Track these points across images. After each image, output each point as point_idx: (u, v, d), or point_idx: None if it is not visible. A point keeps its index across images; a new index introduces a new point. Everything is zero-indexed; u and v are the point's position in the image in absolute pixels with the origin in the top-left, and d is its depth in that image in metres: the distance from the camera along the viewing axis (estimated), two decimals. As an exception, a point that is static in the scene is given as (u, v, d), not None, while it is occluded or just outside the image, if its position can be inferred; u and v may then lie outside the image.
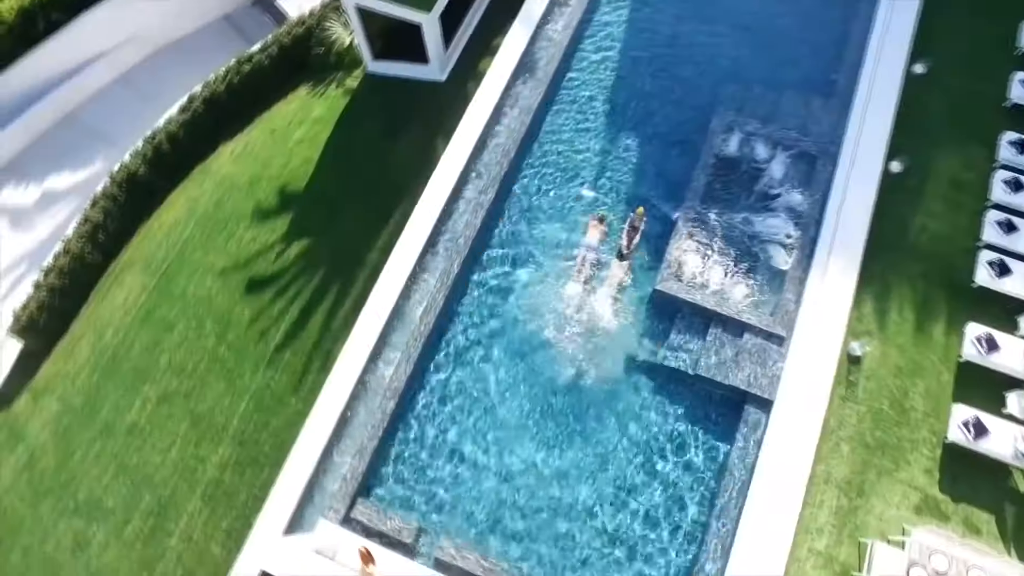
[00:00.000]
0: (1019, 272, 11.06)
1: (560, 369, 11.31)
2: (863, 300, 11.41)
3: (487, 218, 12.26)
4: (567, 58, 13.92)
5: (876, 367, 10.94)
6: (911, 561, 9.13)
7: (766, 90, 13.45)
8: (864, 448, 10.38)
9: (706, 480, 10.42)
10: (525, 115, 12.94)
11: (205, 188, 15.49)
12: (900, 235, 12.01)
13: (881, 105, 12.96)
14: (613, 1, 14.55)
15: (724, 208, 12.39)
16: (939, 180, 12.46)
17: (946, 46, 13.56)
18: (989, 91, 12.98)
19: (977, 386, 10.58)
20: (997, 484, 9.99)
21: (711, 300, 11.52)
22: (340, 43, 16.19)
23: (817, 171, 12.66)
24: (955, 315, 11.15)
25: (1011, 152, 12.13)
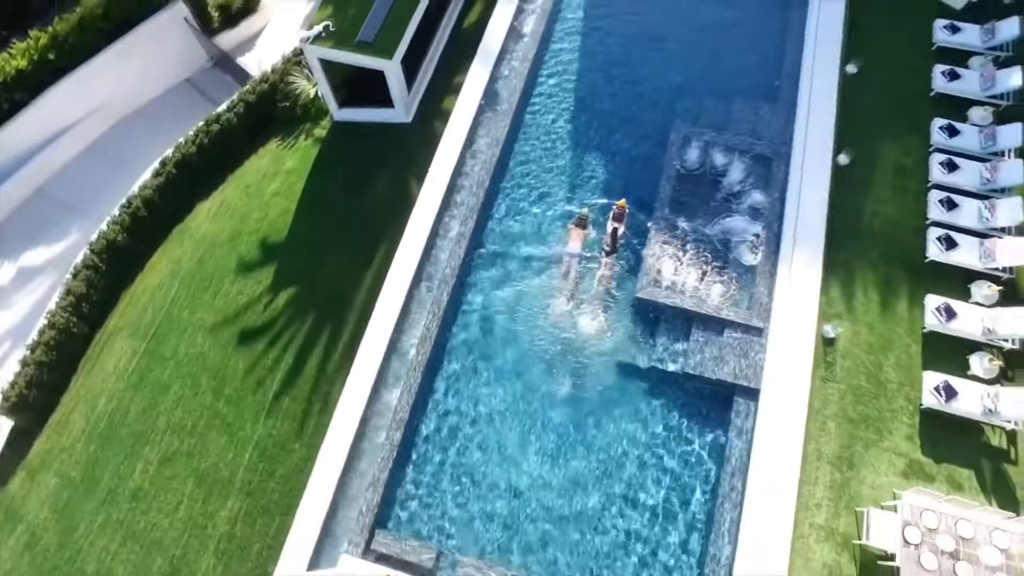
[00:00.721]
0: (964, 244, 12.19)
1: (556, 383, 11.99)
2: (830, 286, 12.40)
3: (470, 246, 13.01)
4: (528, 88, 14.94)
5: (850, 346, 11.87)
6: (904, 522, 9.89)
7: (717, 101, 14.63)
8: (849, 423, 11.22)
9: (707, 471, 11.11)
10: (495, 146, 13.84)
11: (186, 248, 15.98)
12: (855, 222, 13.10)
13: (822, 105, 14.22)
14: (566, 31, 15.70)
15: (692, 214, 13.37)
16: (883, 168, 13.66)
17: (872, 47, 14.99)
18: (915, 83, 14.37)
19: (942, 353, 11.57)
20: (972, 441, 10.90)
21: (690, 302, 12.38)
22: (305, 95, 17.02)
23: (773, 171, 13.77)
24: (914, 290, 12.20)
25: (942, 136, 13.42)
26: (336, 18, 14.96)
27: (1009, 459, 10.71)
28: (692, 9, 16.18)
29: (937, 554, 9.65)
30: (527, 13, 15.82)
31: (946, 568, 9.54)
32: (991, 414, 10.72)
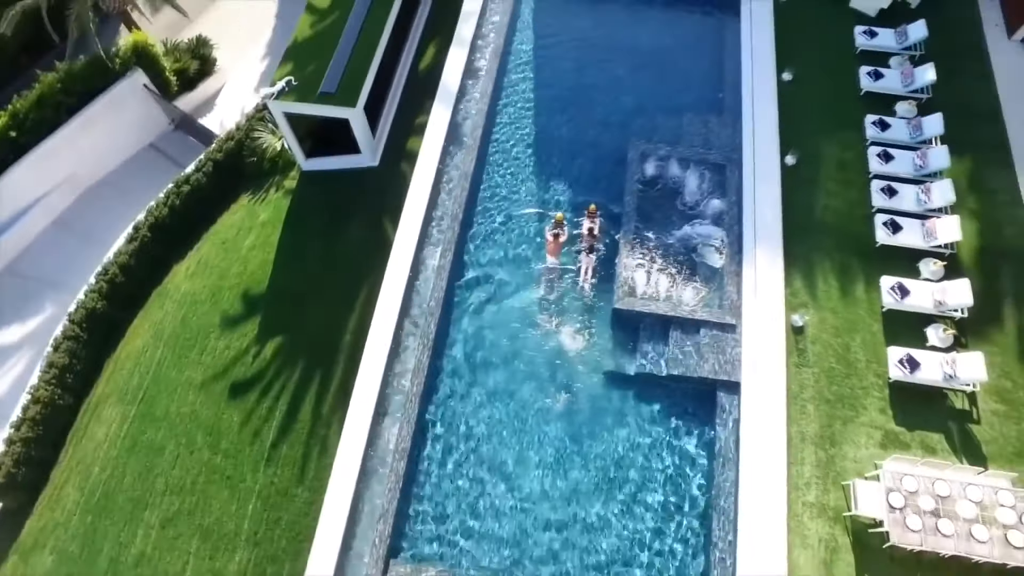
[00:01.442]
0: (908, 226, 13.42)
1: (548, 398, 12.64)
2: (792, 278, 13.42)
3: (451, 277, 13.73)
4: (489, 122, 15.91)
5: (818, 332, 12.84)
6: (887, 489, 10.71)
7: (668, 117, 15.82)
8: (826, 404, 12.10)
9: (701, 465, 11.84)
10: (464, 179, 14.70)
11: (167, 310, 16.30)
12: (808, 217, 14.24)
13: (765, 112, 15.49)
14: (519, 66, 16.81)
15: (657, 225, 14.34)
16: (827, 165, 14.91)
17: (803, 56, 16.44)
18: (845, 85, 15.82)
19: (901, 328, 12.64)
20: (938, 407, 11.90)
21: (665, 307, 13.27)
22: (272, 149, 17.69)
23: (727, 178, 14.90)
24: (869, 273, 13.30)
25: (875, 130, 14.80)
26: (296, 73, 15.77)
27: (972, 419, 11.72)
28: (635, 35, 17.51)
29: (920, 514, 10.47)
30: (481, 52, 16.89)
31: (929, 526, 10.36)
32: (951, 379, 11.74)
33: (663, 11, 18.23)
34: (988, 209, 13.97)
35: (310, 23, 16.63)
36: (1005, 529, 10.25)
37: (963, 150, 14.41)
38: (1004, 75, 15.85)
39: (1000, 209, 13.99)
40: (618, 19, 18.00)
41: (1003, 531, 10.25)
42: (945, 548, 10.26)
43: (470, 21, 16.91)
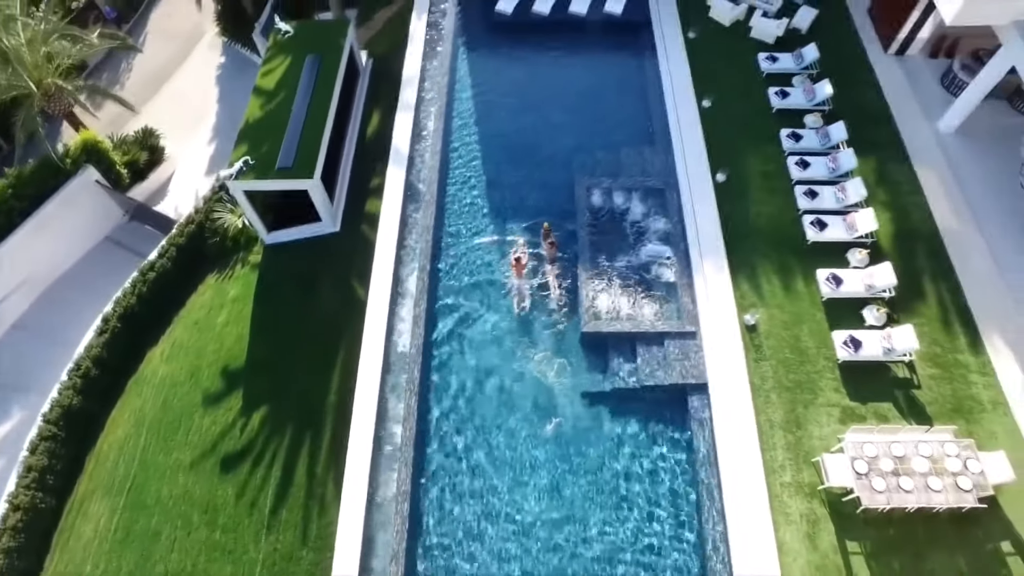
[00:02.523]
0: (832, 223, 15.20)
1: (535, 425, 13.60)
2: (739, 282, 14.92)
3: (428, 324, 14.73)
4: (443, 177, 17.25)
5: (769, 328, 14.28)
6: (851, 458, 12.00)
7: (607, 152, 17.48)
8: (787, 391, 13.44)
9: (683, 463, 12.94)
10: (426, 233, 15.89)
11: (146, 396, 16.66)
12: (744, 226, 15.88)
13: (692, 137, 17.33)
14: (463, 122, 18.33)
15: (611, 251, 15.76)
16: (754, 177, 16.71)
17: (717, 83, 18.50)
18: (758, 105, 17.88)
19: (841, 313, 14.21)
20: (883, 378, 13.40)
21: (629, 324, 14.55)
22: (233, 227, 18.51)
23: (668, 200, 16.53)
24: (806, 268, 14.92)
25: (790, 142, 16.79)
26: (252, 153, 16.76)
27: (913, 385, 13.25)
28: (565, 82, 19.35)
29: (883, 476, 11.76)
30: (426, 113, 18.36)
31: (892, 485, 11.65)
32: (890, 352, 13.30)
33: (587, 58, 20.21)
34: (895, 199, 15.95)
35: (259, 105, 17.77)
36: (954, 476, 11.63)
37: (866, 150, 16.46)
38: (887, 83, 18.27)
39: (905, 198, 15.99)
40: (548, 69, 19.87)
41: (953, 478, 11.63)
42: (908, 502, 11.55)
43: (412, 86, 18.44)
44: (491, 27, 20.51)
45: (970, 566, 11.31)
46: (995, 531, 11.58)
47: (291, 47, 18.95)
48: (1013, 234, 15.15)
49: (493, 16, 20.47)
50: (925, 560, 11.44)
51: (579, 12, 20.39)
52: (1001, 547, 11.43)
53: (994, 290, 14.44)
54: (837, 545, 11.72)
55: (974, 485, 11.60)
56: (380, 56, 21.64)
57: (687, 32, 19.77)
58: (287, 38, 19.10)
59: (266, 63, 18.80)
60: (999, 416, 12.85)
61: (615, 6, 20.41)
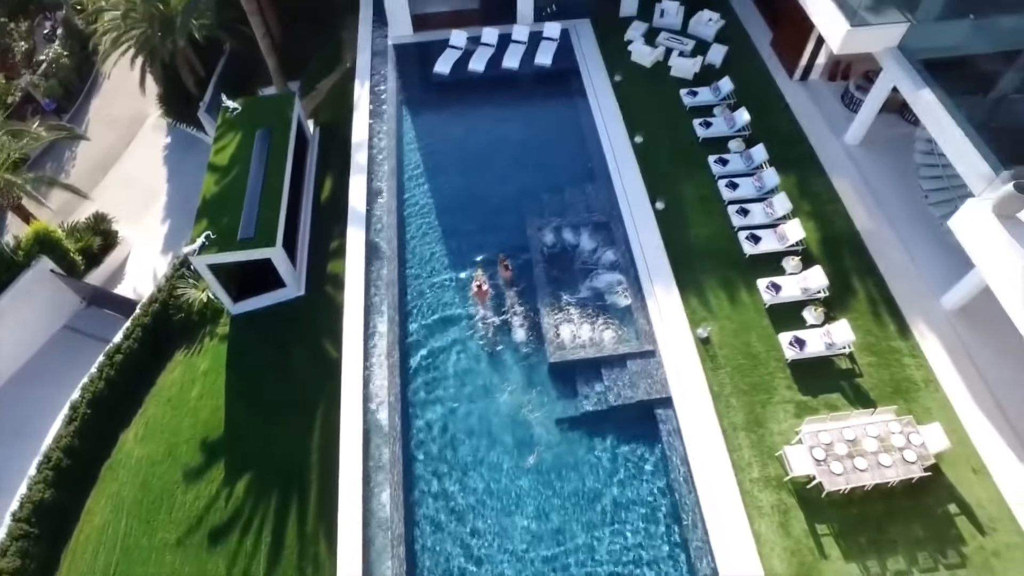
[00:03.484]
0: (765, 236, 16.79)
1: (515, 457, 14.36)
2: (688, 299, 16.22)
3: (403, 373, 15.49)
4: (401, 233, 18.20)
5: (721, 338, 15.55)
6: (809, 447, 13.16)
7: (552, 194, 18.80)
8: (744, 395, 14.63)
9: (658, 475, 13.86)
10: (391, 286, 16.79)
11: (123, 480, 16.74)
12: (687, 247, 17.31)
13: (629, 172, 18.88)
14: (415, 180, 19.45)
15: (567, 284, 16.90)
16: (690, 202, 18.27)
17: (646, 119, 20.25)
18: (685, 136, 19.66)
19: (784, 317, 15.62)
20: (828, 371, 14.77)
21: (593, 351, 15.61)
22: (198, 302, 19.01)
23: (614, 232, 17.88)
24: (747, 280, 16.37)
25: (718, 167, 18.53)
26: (212, 227, 17.48)
27: (855, 374, 14.66)
28: (507, 132, 20.80)
29: (839, 459, 12.95)
30: (378, 174, 19.41)
31: (848, 466, 12.84)
32: (832, 347, 14.72)
33: (525, 108, 21.83)
34: (817, 208, 17.73)
35: (214, 180, 18.56)
36: (900, 451, 12.92)
37: (786, 168, 18.30)
38: (796, 105, 20.42)
39: (826, 206, 17.79)
40: (489, 122, 21.33)
41: (900, 453, 12.91)
42: (864, 480, 12.75)
43: (362, 149, 19.56)
44: (431, 87, 21.97)
45: (925, 530, 12.52)
46: (941, 495, 12.88)
47: (240, 123, 19.93)
48: (920, 229, 16.99)
49: (432, 77, 21.95)
50: (887, 531, 12.59)
51: (512, 67, 22.07)
52: (948, 508, 12.72)
53: (911, 280, 16.17)
54: (808, 529, 12.77)
55: (918, 457, 12.92)
56: (326, 124, 22.81)
57: (613, 76, 21.64)
58: (236, 115, 20.09)
59: (217, 140, 19.70)
60: (931, 392, 14.33)
61: (544, 58, 22.19)
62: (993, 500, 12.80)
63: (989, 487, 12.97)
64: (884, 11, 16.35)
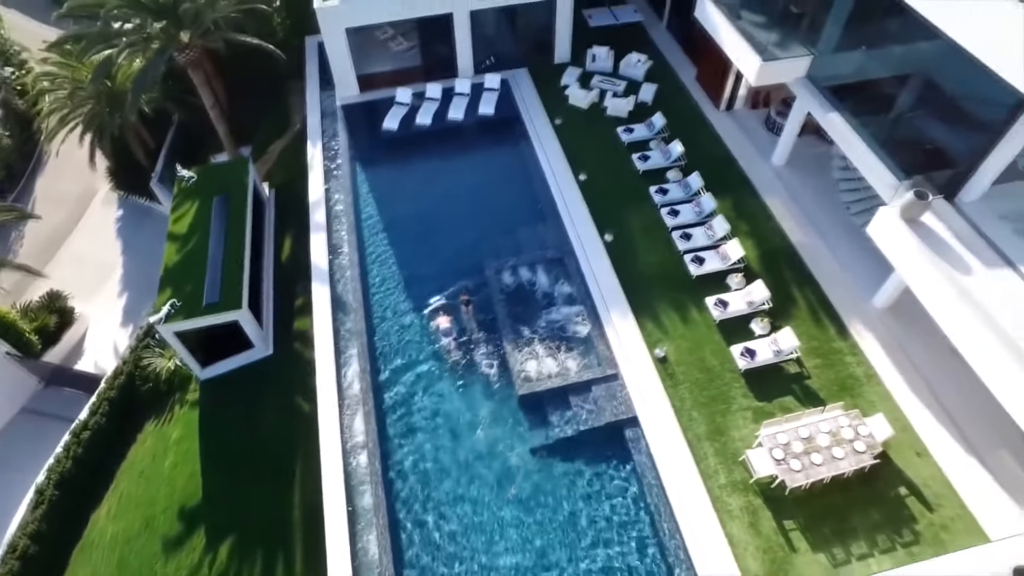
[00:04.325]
0: (708, 257, 18.12)
1: (494, 490, 14.95)
2: (644, 323, 17.30)
3: (378, 418, 16.00)
4: (365, 286, 18.89)
5: (677, 356, 16.62)
6: (769, 449, 14.17)
7: (506, 235, 19.85)
8: (704, 407, 15.64)
9: (632, 490, 14.64)
10: (360, 336, 17.39)
11: (96, 561, 16.62)
12: (637, 274, 18.48)
13: (577, 209, 20.12)
14: (373, 230, 20.24)
15: (528, 319, 17.82)
16: (636, 231, 19.54)
17: (588, 158, 21.63)
18: (626, 171, 21.09)
19: (734, 331, 16.82)
20: (779, 377, 15.95)
21: (559, 380, 16.46)
22: (165, 370, 19.19)
23: (568, 266, 18.97)
24: (696, 299, 17.58)
25: (659, 196, 19.96)
26: (177, 295, 17.86)
27: (804, 376, 15.88)
28: (458, 180, 21.89)
29: (797, 457, 13.99)
30: (337, 230, 20.18)
31: (806, 463, 13.88)
32: (780, 354, 15.94)
33: (473, 156, 23.02)
34: (754, 227, 19.24)
35: (175, 249, 18.99)
36: (851, 443, 14.06)
37: (722, 192, 19.83)
38: (725, 133, 22.20)
39: (762, 224, 19.33)
40: (440, 172, 22.35)
41: (850, 445, 14.04)
42: (822, 474, 13.79)
43: (320, 207, 20.34)
44: (382, 143, 22.98)
45: (881, 514, 13.59)
46: (892, 479, 14.03)
47: (197, 191, 20.51)
48: (846, 237, 18.57)
49: (382, 134, 23.01)
50: (847, 520, 13.60)
51: (457, 118, 23.34)
52: (899, 491, 13.85)
53: (844, 285, 17.64)
54: (776, 527, 13.68)
55: (867, 447, 14.06)
56: (281, 185, 23.54)
57: (554, 120, 23.10)
58: (192, 184, 20.67)
59: (175, 210, 20.20)
60: (873, 386, 15.62)
61: (488, 108, 23.55)
62: (937, 478, 14.02)
63: (932, 467, 14.20)
64: (790, 46, 18.24)
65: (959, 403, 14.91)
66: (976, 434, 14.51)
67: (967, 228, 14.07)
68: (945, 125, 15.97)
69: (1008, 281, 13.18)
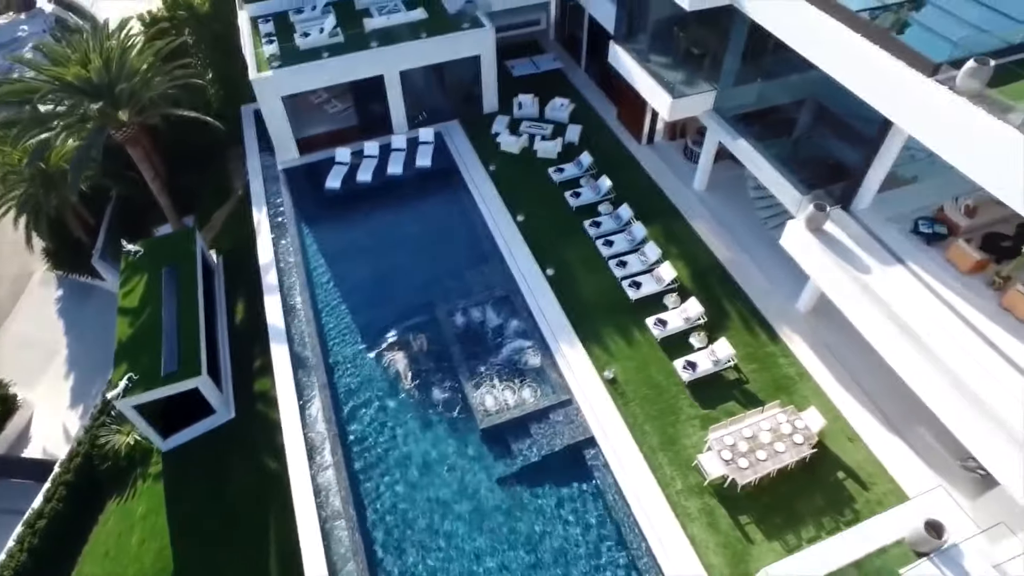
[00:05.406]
0: (644, 281, 19.56)
1: (468, 522, 15.60)
2: (591, 348, 18.46)
3: (349, 469, 16.52)
4: (323, 341, 19.49)
5: (626, 376, 17.80)
6: (718, 451, 15.37)
7: (453, 278, 20.88)
8: (655, 420, 16.79)
9: (598, 506, 15.54)
10: (324, 390, 17.97)
11: (68, 648, 16.25)
12: (581, 303, 19.70)
13: (518, 248, 21.36)
14: (325, 287, 20.91)
15: (482, 356, 18.76)
16: (576, 264, 20.84)
17: (524, 199, 23.00)
18: (561, 208, 22.53)
19: (675, 346, 18.15)
20: (720, 384, 17.31)
21: (517, 411, 17.38)
22: (124, 446, 19.14)
23: (515, 303, 20.08)
24: (637, 321, 18.90)
25: (594, 229, 21.44)
26: (133, 368, 18.05)
27: (743, 381, 17.29)
28: (403, 231, 22.84)
29: (744, 456, 15.22)
30: (290, 290, 20.71)
31: (752, 460, 15.12)
32: (719, 363, 17.33)
33: (416, 207, 23.99)
34: (683, 249, 20.86)
35: (127, 323, 19.20)
36: (790, 437, 15.42)
37: (651, 219, 21.48)
38: (649, 165, 24.07)
39: (689, 246, 20.99)
40: (385, 225, 23.26)
41: (790, 439, 15.40)
42: (768, 468, 15.04)
43: (271, 269, 20.94)
44: (326, 202, 23.80)
45: (824, 498, 14.90)
46: (830, 465, 15.43)
47: (144, 264, 20.85)
48: (767, 250, 20.30)
49: (325, 193, 23.87)
50: (795, 508, 14.82)
51: (397, 172, 24.45)
52: (837, 475, 15.24)
53: (770, 294, 19.34)
54: (732, 523, 14.79)
55: (804, 439, 15.44)
56: (229, 250, 24.03)
57: (488, 166, 24.47)
58: (139, 257, 21.00)
59: (124, 285, 20.45)
60: (805, 383, 17.15)
61: (424, 160, 24.78)
62: (868, 459, 15.49)
63: (863, 449, 15.67)
64: (695, 84, 20.24)
65: (880, 389, 16.52)
66: (897, 414, 16.12)
67: (862, 232, 15.93)
68: (836, 142, 18.08)
69: (899, 275, 15.00)
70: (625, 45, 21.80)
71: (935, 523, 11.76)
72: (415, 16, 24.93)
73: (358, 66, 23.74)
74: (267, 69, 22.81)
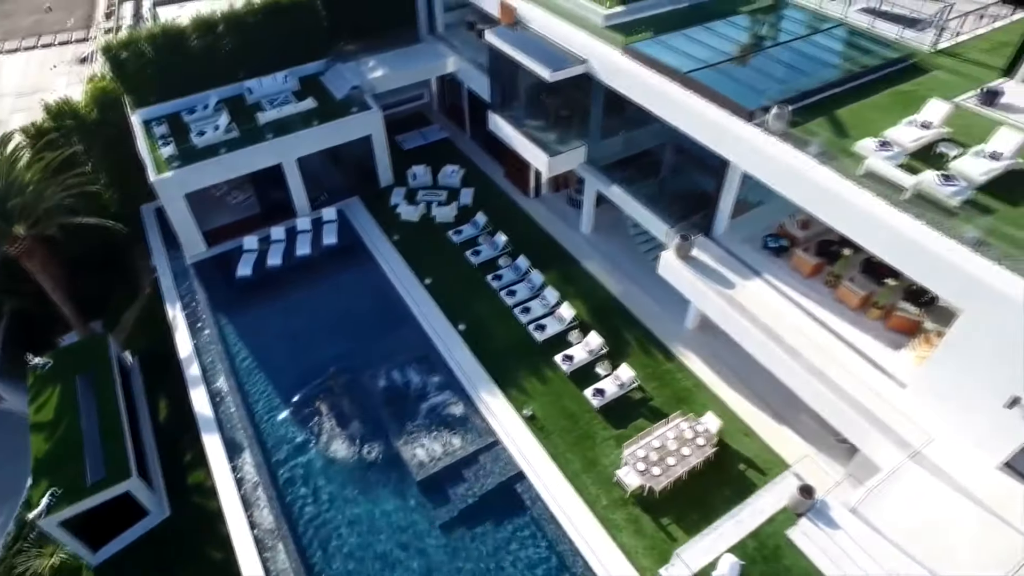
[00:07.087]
0: (548, 323, 21.35)
1: (419, 573, 16.30)
2: (508, 390, 19.84)
3: (295, 537, 16.94)
4: (252, 418, 19.83)
5: (543, 411, 19.26)
6: (633, 464, 16.97)
7: (372, 345, 21.83)
8: (576, 447, 18.25)
9: (535, 534, 16.69)
10: (261, 469, 18.32)
11: None
12: (493, 350, 21.12)
13: (429, 308, 22.68)
14: (251, 373, 21.27)
15: (409, 414, 19.74)
16: (484, 317, 22.28)
17: (429, 263, 24.43)
18: (464, 267, 24.07)
19: (583, 377, 19.87)
20: (627, 404, 19.12)
21: (449, 459, 18.41)
22: (48, 568, 18.38)
23: (433, 362, 21.25)
24: (547, 360, 20.53)
25: (496, 282, 23.12)
26: (55, 483, 17.69)
27: (648, 399, 19.21)
28: (320, 307, 23.54)
29: (656, 464, 16.90)
30: (215, 379, 20.96)
31: (664, 467, 16.82)
32: (624, 386, 19.17)
33: (328, 283, 24.80)
34: (578, 288, 22.91)
35: (43, 437, 18.76)
36: (694, 441, 17.31)
37: (547, 266, 23.48)
38: (539, 217, 26.32)
39: (584, 285, 23.10)
40: (301, 303, 23.88)
41: (694, 443, 17.28)
42: (679, 472, 16.78)
43: (192, 362, 21.13)
44: (240, 289, 24.20)
45: (730, 488, 16.78)
46: (732, 460, 17.46)
47: (55, 375, 20.52)
48: (654, 280, 22.24)
49: (237, 281, 24.37)
50: (708, 501, 16.57)
51: (305, 252, 25.31)
52: (739, 467, 17.25)
53: (661, 318, 21.59)
54: (656, 526, 16.34)
55: (706, 440, 17.37)
56: (144, 349, 23.90)
57: (392, 236, 25.80)
58: (48, 369, 20.68)
59: (34, 400, 20.02)
60: (701, 392, 19.27)
61: (331, 238, 25.81)
62: (764, 449, 17.62)
63: (758, 441, 17.81)
64: (568, 141, 22.72)
65: (765, 386, 18.71)
66: (782, 406, 18.40)
67: (724, 254, 18.46)
68: (693, 178, 20.84)
69: (758, 286, 17.50)
70: (502, 113, 24.15)
71: (806, 486, 13.75)
72: (305, 106, 26.36)
73: (256, 158, 24.76)
74: (167, 170, 23.43)
